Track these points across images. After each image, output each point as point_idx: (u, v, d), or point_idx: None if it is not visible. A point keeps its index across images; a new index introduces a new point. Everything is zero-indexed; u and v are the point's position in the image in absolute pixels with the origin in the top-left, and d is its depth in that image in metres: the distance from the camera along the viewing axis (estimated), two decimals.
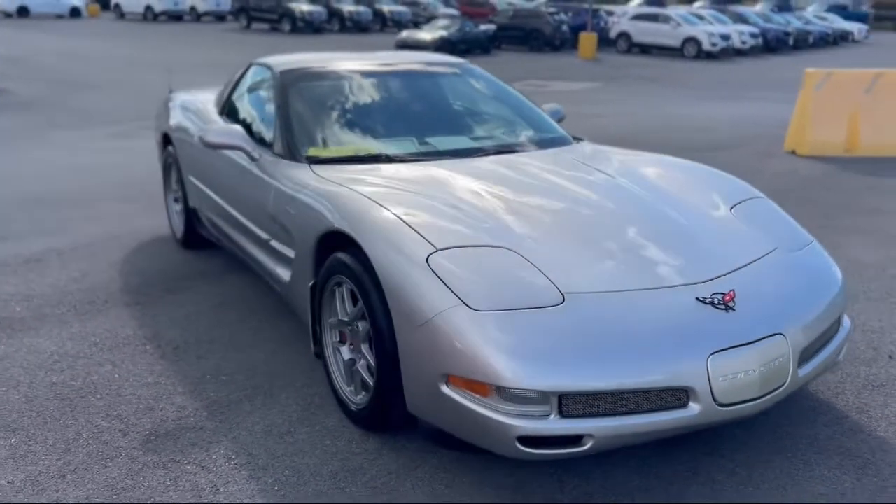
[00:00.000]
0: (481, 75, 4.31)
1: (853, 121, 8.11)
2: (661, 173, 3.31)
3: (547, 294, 2.33)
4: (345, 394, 2.82)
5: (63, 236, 5.09)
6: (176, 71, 16.73)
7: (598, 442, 2.18)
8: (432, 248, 2.44)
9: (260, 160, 3.53)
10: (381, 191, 2.87)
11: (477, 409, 2.20)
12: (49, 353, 3.39)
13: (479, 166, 3.28)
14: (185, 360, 3.33)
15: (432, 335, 2.27)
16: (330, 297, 2.87)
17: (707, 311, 2.38)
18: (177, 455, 2.61)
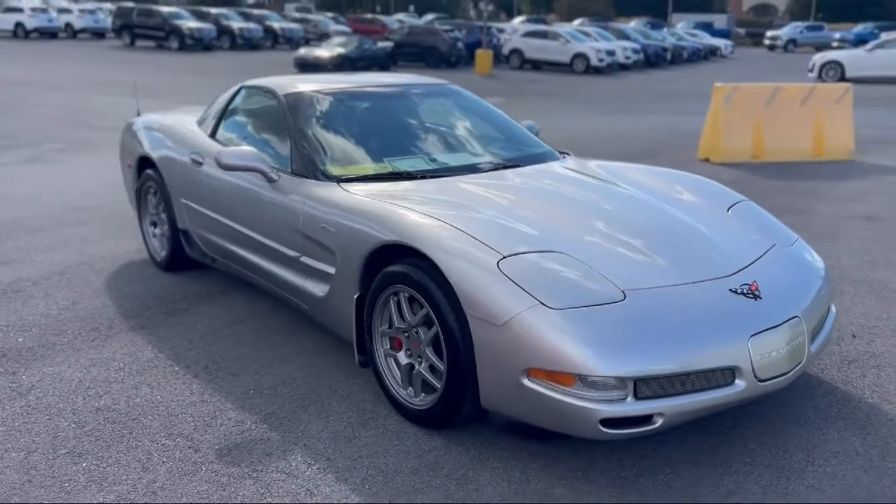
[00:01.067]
0: (467, 95, 4.58)
1: (758, 130, 8.91)
2: (659, 182, 3.68)
3: (609, 291, 2.62)
4: (402, 397, 3.00)
5: (29, 265, 4.96)
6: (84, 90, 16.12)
7: (667, 419, 2.48)
8: (499, 255, 2.68)
9: (279, 181, 3.65)
10: (428, 206, 3.07)
11: (561, 398, 2.45)
12: (77, 380, 3.37)
13: (500, 180, 3.54)
14: (220, 378, 3.40)
15: (513, 334, 2.50)
16: (382, 307, 3.04)
17: (740, 300, 2.74)
18: (257, 465, 2.71)
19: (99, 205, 6.60)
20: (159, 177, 4.66)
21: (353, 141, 3.88)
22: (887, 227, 5.96)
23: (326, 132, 3.86)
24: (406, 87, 4.45)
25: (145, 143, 4.85)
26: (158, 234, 4.91)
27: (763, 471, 2.68)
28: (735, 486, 2.59)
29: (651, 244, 2.98)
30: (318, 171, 3.58)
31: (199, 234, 4.38)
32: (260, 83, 4.41)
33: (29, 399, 3.19)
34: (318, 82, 4.27)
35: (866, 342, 3.75)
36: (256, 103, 4.39)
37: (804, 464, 2.72)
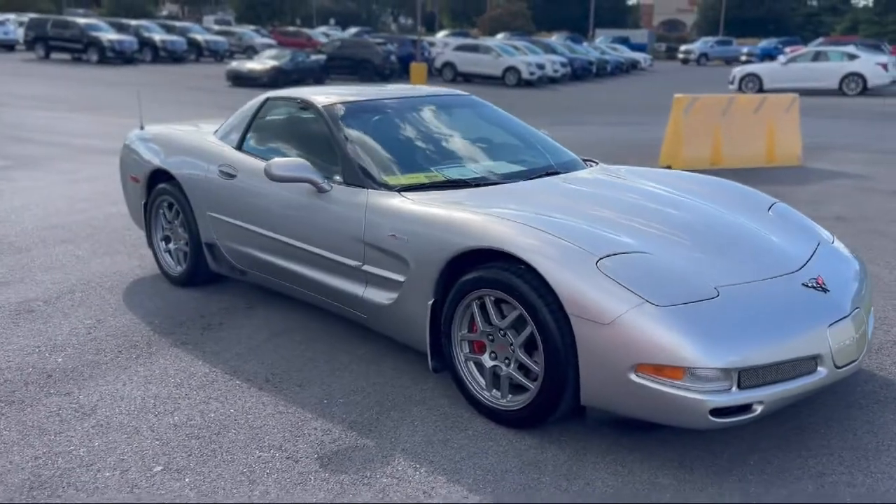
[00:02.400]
0: (488, 105, 4.70)
1: (716, 138, 9.35)
2: (698, 186, 3.88)
3: (702, 289, 2.76)
4: (488, 399, 3.07)
5: (32, 285, 4.77)
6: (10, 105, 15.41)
7: (766, 407, 2.64)
8: (595, 256, 2.79)
9: (332, 191, 3.67)
10: (504, 211, 3.16)
11: (670, 391, 2.57)
12: (139, 397, 3.30)
13: (553, 187, 3.66)
14: (287, 389, 3.38)
15: (620, 331, 2.61)
16: (463, 312, 3.11)
17: (812, 293, 2.93)
18: (364, 472, 2.73)
19: (74, 222, 6.39)
20: (178, 190, 4.57)
21: (399, 150, 3.93)
22: (857, 227, 6.37)
23: (373, 142, 3.89)
24: (430, 98, 4.52)
25: (159, 155, 4.75)
26: (173, 248, 4.81)
27: (842, 452, 2.87)
28: (822, 467, 2.77)
29: (719, 245, 3.15)
30: (374, 181, 3.61)
31: (228, 247, 4.32)
32: (287, 94, 4.41)
33: (98, 418, 3.10)
34: (342, 94, 4.29)
35: (883, 332, 4.03)
36: (285, 114, 4.38)
37: (875, 444, 2.93)
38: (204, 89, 21.44)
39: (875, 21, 58.03)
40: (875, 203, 7.43)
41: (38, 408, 3.19)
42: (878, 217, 6.79)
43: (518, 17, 64.16)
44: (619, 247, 2.91)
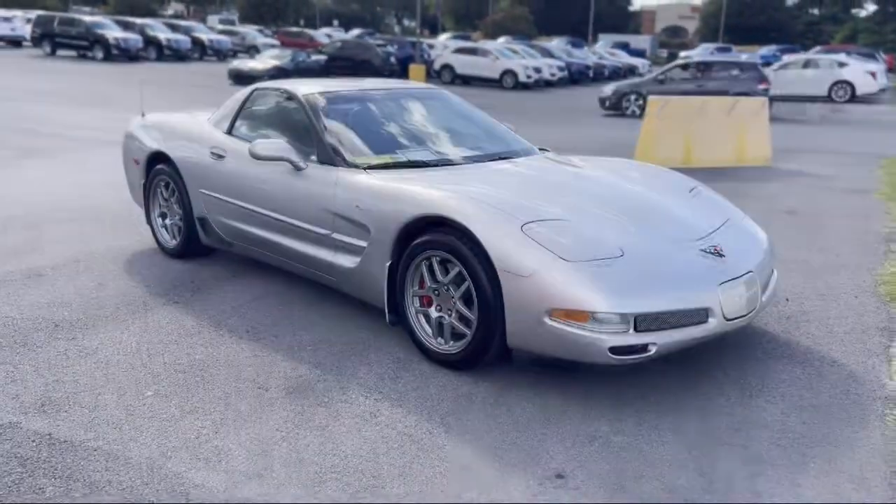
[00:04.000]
0: (454, 98, 5.21)
1: (687, 139, 9.86)
2: (630, 170, 4.40)
3: (610, 250, 3.28)
4: (434, 346, 3.58)
5: (40, 255, 5.28)
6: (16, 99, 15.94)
7: (660, 348, 3.15)
8: (521, 221, 3.31)
9: (307, 169, 4.19)
10: (451, 186, 3.68)
11: (578, 332, 3.08)
12: (135, 342, 3.81)
13: (500, 167, 4.18)
14: (264, 339, 3.90)
15: (538, 282, 3.13)
16: (414, 271, 3.62)
17: (709, 258, 3.44)
18: (322, 398, 3.24)
19: (80, 206, 6.89)
20: (174, 171, 5.09)
21: (369, 136, 4.44)
22: (805, 220, 6.88)
23: (345, 128, 4.40)
24: (404, 91, 5.04)
25: (157, 139, 5.27)
26: (169, 224, 5.33)
27: (730, 393, 3.38)
28: (710, 401, 3.28)
29: (633, 216, 3.66)
30: (344, 161, 4.13)
31: (218, 221, 4.84)
32: (273, 85, 4.93)
33: (98, 357, 3.62)
34: (324, 86, 4.81)
35: (797, 304, 4.54)
36: (271, 103, 4.90)
37: (760, 386, 3.44)
38: (206, 87, 21.98)
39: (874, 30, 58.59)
40: (828, 199, 7.94)
41: (48, 349, 3.70)
42: (827, 212, 7.30)
43: (520, 21, 64.81)
44: (542, 215, 3.43)
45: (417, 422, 3.07)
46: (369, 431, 2.99)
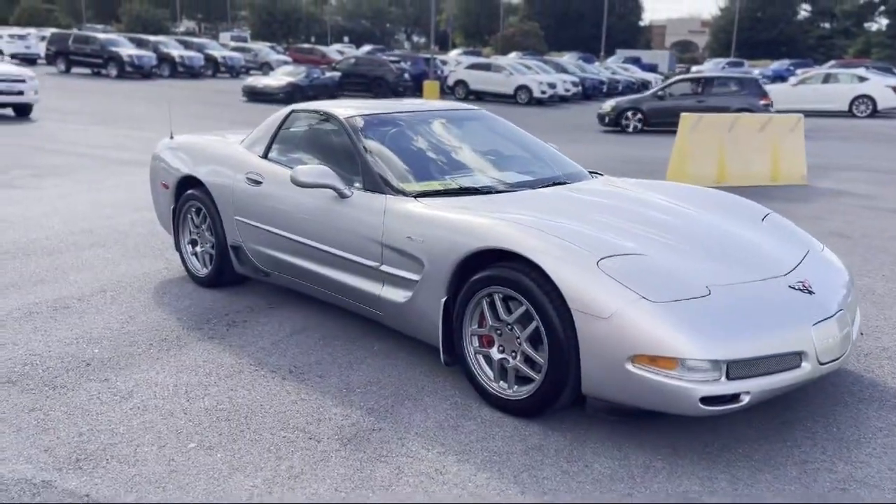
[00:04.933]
0: (498, 118, 4.96)
1: (721, 156, 9.59)
2: (698, 197, 4.12)
3: (696, 287, 3.00)
4: (496, 390, 3.30)
5: (65, 284, 5.05)
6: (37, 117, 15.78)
7: (753, 397, 2.86)
8: (596, 256, 3.04)
9: (352, 197, 3.93)
10: (513, 216, 3.41)
11: (664, 380, 2.80)
12: (172, 384, 3.55)
13: (560, 195, 3.92)
14: (309, 380, 3.63)
15: (619, 325, 2.85)
16: (474, 308, 3.35)
17: (798, 294, 3.16)
18: (381, 451, 2.96)
19: (103, 227, 6.68)
20: (206, 196, 4.85)
21: (414, 160, 4.19)
22: (857, 243, 6.58)
23: (389, 152, 4.15)
24: (445, 112, 4.80)
25: (188, 163, 5.04)
26: (199, 251, 5.08)
27: (825, 444, 3.08)
28: (806, 455, 2.99)
29: (711, 248, 3.39)
30: (392, 188, 3.87)
31: (253, 249, 4.59)
32: (310, 107, 4.69)
33: (134, 402, 3.36)
34: (363, 107, 4.57)
35: (874, 339, 4.24)
36: (309, 126, 4.66)
37: (857, 437, 3.14)
38: (221, 104, 21.88)
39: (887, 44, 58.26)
40: (875, 221, 7.63)
41: (80, 391, 3.44)
42: (877, 234, 7.00)
43: (530, 36, 64.85)
44: (618, 249, 3.15)
45: (488, 480, 2.79)
46: (438, 492, 2.71)
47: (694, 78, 18.97)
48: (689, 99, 17.62)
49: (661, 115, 17.68)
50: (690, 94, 17.90)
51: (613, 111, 18.14)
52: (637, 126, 17.67)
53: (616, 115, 18.06)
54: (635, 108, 18.01)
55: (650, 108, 17.87)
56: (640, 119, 17.81)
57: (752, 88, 17.85)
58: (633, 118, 17.84)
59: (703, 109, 16.48)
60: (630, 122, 17.87)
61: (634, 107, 18.06)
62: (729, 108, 16.32)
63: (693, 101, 17.44)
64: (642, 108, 17.83)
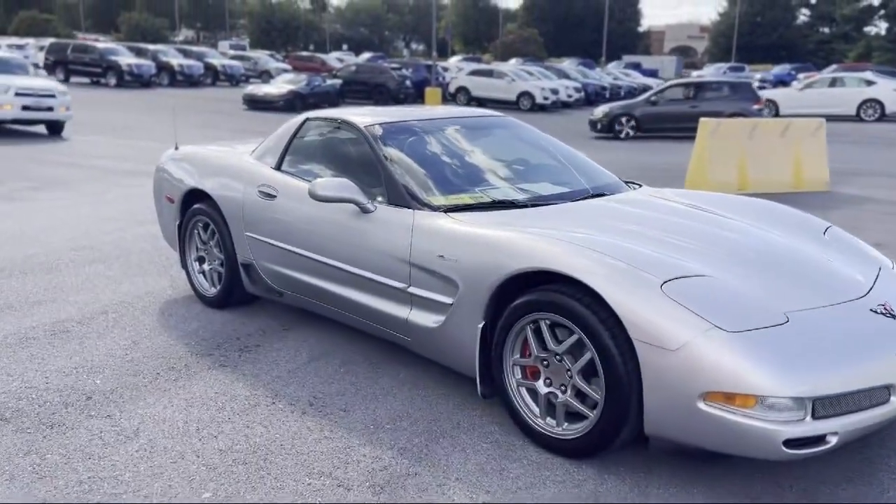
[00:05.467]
0: (525, 125, 4.64)
1: (742, 162, 9.27)
2: (746, 207, 3.80)
3: (772, 314, 2.67)
4: (542, 427, 2.97)
5: (64, 305, 4.72)
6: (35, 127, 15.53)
7: (840, 438, 2.53)
8: (658, 279, 2.71)
9: (376, 212, 3.61)
10: (559, 231, 3.09)
11: (742, 420, 2.47)
12: (181, 420, 3.22)
13: (602, 208, 3.59)
14: (331, 414, 3.30)
15: (689, 358, 2.52)
16: (516, 336, 3.02)
17: (881, 319, 2.83)
18: (420, 500, 2.63)
19: (103, 242, 6.35)
20: (214, 210, 4.53)
21: (441, 171, 3.87)
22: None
23: (414, 163, 3.83)
24: (470, 119, 4.48)
25: (194, 175, 4.71)
26: (207, 269, 4.76)
27: None
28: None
29: (781, 269, 3.06)
30: (420, 202, 3.55)
31: (266, 268, 4.26)
32: (327, 115, 4.38)
33: (141, 442, 3.02)
34: (383, 115, 4.25)
35: None
36: (325, 135, 4.34)
37: None
38: (221, 112, 21.58)
39: (888, 48, 58.09)
40: None
41: (80, 430, 3.11)
42: None
43: (530, 42, 64.61)
44: (681, 270, 2.82)
45: None
46: None
47: (686, 83, 18.85)
48: (682, 104, 17.47)
49: (655, 120, 17.45)
50: (683, 100, 17.75)
51: (606, 117, 17.79)
52: (629, 132, 17.36)
53: (609, 121, 17.70)
54: (628, 113, 17.69)
55: (643, 113, 17.57)
56: (633, 125, 17.49)
57: (744, 93, 17.79)
58: (627, 124, 17.52)
59: (697, 114, 16.38)
60: (623, 128, 17.54)
61: (627, 113, 17.73)
62: (722, 113, 16.28)
63: (686, 106, 17.31)
64: (635, 114, 17.53)
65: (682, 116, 17.11)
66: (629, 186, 4.28)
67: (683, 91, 18.07)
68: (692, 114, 16.37)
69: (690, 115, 16.39)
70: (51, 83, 14.40)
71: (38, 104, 13.69)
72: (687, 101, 17.53)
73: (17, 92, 13.44)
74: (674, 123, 17.39)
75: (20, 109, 13.50)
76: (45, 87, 13.92)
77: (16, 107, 13.46)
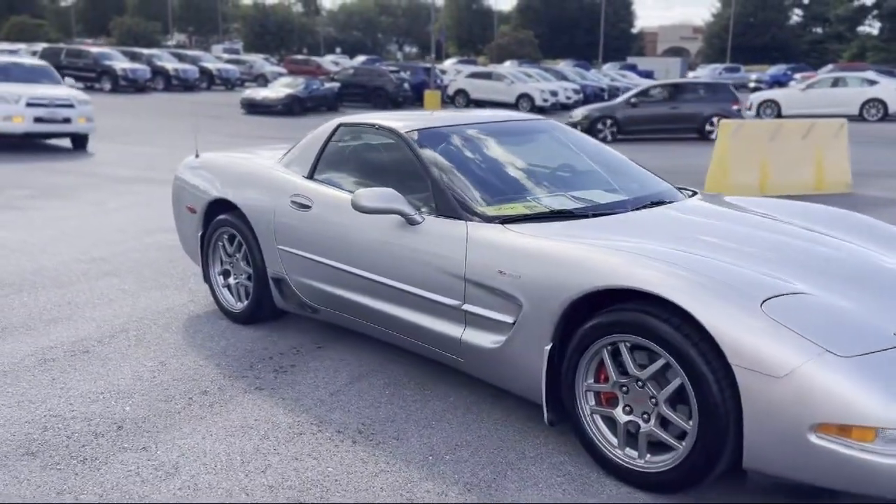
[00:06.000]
0: (567, 128, 4.41)
1: (763, 165, 9.07)
2: (824, 218, 3.58)
3: (883, 335, 2.45)
4: (621, 458, 2.73)
5: (81, 323, 4.46)
6: None
7: None
8: (756, 298, 2.47)
9: (424, 223, 3.37)
10: (638, 246, 2.85)
11: (860, 456, 2.24)
12: (223, 453, 2.96)
13: (672, 217, 3.36)
14: (384, 443, 3.05)
15: (798, 386, 2.29)
16: (590, 359, 2.78)
17: None
18: None
19: (112, 253, 6.09)
20: (241, 222, 4.27)
21: (489, 179, 3.64)
22: None
23: (461, 170, 3.59)
24: (511, 123, 4.26)
25: (218, 185, 4.46)
26: (233, 283, 4.50)
27: None
28: None
29: (878, 285, 2.83)
30: (472, 212, 3.31)
31: (300, 282, 4.01)
32: (362, 120, 4.13)
33: (182, 479, 2.77)
34: (420, 119, 4.01)
35: None
36: (362, 141, 4.10)
37: None
38: (220, 117, 21.30)
39: (882, 47, 58.18)
40: None
41: (115, 466, 2.86)
42: None
43: (525, 44, 64.42)
44: (779, 287, 2.59)
45: None
46: None
47: (666, 84, 18.78)
48: (663, 106, 17.39)
49: (636, 122, 17.27)
50: (663, 101, 17.64)
51: (586, 119, 17.44)
52: (609, 136, 17.15)
53: (589, 123, 17.37)
54: (608, 116, 17.38)
55: (624, 116, 17.30)
56: (614, 128, 17.27)
57: (723, 94, 17.79)
58: (607, 127, 17.28)
59: (676, 116, 16.77)
60: (604, 130, 17.28)
61: (608, 115, 17.42)
62: (702, 114, 16.59)
63: (666, 107, 17.26)
64: (616, 117, 17.28)
65: (662, 118, 17.08)
66: (682, 193, 4.05)
67: (663, 93, 17.96)
68: (672, 115, 16.59)
69: (670, 117, 16.44)
70: (70, 91, 12.94)
71: (52, 115, 12.34)
72: (666, 103, 17.44)
73: (30, 102, 12.14)
74: (654, 125, 17.28)
75: (32, 122, 12.16)
76: (62, 96, 12.54)
77: (27, 119, 12.10)
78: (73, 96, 12.62)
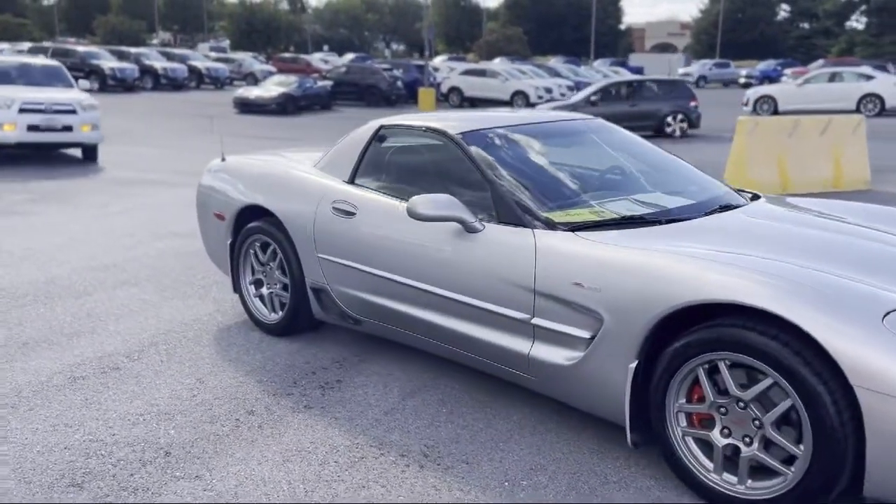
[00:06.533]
0: (616, 128, 4.22)
1: (781, 162, 8.92)
2: (881, 216, 3.41)
3: None
4: (717, 484, 2.55)
5: (107, 337, 4.23)
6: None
7: None
8: (878, 310, 2.30)
9: (485, 231, 3.17)
10: (730, 255, 2.67)
11: None
12: (283, 480, 2.76)
13: (749, 223, 3.18)
14: (453, 467, 2.85)
15: None
16: (683, 378, 2.60)
17: None
18: None
19: (126, 260, 5.86)
20: (277, 229, 4.06)
21: (549, 183, 3.45)
22: None
23: (519, 174, 3.40)
24: (561, 123, 4.08)
25: (249, 190, 4.24)
26: (266, 294, 4.28)
27: None
28: None
29: None
30: (537, 219, 3.11)
31: (343, 293, 3.80)
32: (404, 122, 3.95)
33: None
34: (467, 120, 3.81)
35: None
36: (407, 144, 3.90)
37: None
38: (213, 117, 20.97)
39: (871, 42, 58.46)
40: None
41: (169, 497, 2.64)
42: None
43: (513, 41, 64.31)
44: (884, 299, 2.41)
45: None
46: None
47: (625, 82, 18.86)
48: (622, 103, 17.48)
49: None
50: (622, 99, 17.75)
51: None
52: None
53: None
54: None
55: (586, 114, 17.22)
56: None
57: (681, 91, 17.93)
58: None
59: (636, 114, 16.94)
60: None
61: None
62: (661, 111, 16.83)
63: (626, 105, 17.38)
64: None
65: (622, 116, 17.06)
66: (742, 196, 3.87)
67: (622, 91, 18.04)
68: (632, 113, 16.68)
69: (630, 115, 16.50)
70: (74, 95, 11.34)
71: (50, 123, 10.73)
72: (626, 101, 17.54)
73: (23, 107, 10.55)
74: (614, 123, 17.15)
75: (25, 131, 10.59)
76: (63, 101, 10.90)
77: (20, 127, 10.53)
78: (75, 100, 11.08)
